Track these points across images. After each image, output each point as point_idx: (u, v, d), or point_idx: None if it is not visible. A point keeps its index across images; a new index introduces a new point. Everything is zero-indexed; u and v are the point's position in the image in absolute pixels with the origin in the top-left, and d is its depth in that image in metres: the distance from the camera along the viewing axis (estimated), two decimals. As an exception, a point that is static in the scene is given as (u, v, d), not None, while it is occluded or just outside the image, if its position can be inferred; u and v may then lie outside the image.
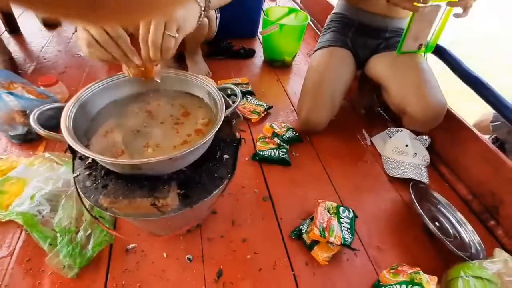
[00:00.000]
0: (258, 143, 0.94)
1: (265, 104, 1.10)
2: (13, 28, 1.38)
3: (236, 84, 1.17)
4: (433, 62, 0.98)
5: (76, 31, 0.56)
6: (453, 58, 0.94)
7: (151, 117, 0.59)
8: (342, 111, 1.06)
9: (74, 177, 0.52)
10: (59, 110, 0.50)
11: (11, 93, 0.79)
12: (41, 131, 0.45)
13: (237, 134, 0.64)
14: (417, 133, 1.01)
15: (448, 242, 0.68)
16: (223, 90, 0.63)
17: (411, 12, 0.84)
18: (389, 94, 0.94)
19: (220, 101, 0.56)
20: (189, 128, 0.57)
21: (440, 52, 0.97)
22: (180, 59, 1.23)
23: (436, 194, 0.85)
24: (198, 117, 0.60)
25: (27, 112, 0.79)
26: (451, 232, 0.77)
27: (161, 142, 0.53)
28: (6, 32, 1.37)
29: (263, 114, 1.07)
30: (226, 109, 0.55)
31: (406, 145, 0.95)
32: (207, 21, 1.03)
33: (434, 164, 0.97)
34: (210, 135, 0.49)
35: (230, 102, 0.61)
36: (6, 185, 0.68)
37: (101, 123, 0.56)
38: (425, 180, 0.89)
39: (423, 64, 0.94)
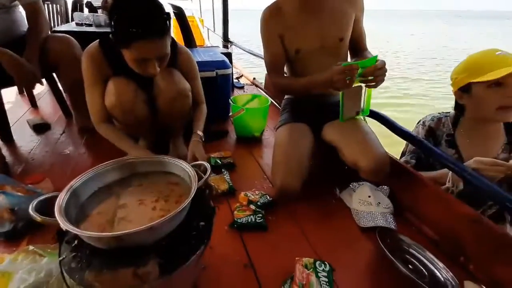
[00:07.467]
0: (235, 212, 1.01)
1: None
2: (7, 137, 1.51)
3: (220, 157, 1.34)
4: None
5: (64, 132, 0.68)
6: (384, 118, 1.16)
7: (133, 196, 0.67)
8: (310, 176, 1.17)
9: (60, 260, 0.56)
10: (51, 200, 0.58)
11: (2, 192, 0.85)
12: (38, 218, 0.52)
13: (211, 202, 0.73)
14: (377, 184, 1.13)
15: (421, 282, 0.71)
16: (196, 166, 0.75)
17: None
18: (343, 154, 1.09)
19: (193, 174, 0.67)
20: (169, 202, 0.65)
21: (374, 115, 1.20)
22: (160, 144, 1.36)
23: (404, 238, 0.91)
24: (176, 191, 0.69)
25: (16, 208, 0.84)
26: (425, 273, 0.81)
27: (141, 217, 0.60)
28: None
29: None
30: (198, 181, 0.65)
31: (369, 196, 1.05)
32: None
33: (399, 211, 1.06)
34: (185, 204, 0.58)
35: (202, 175, 0.72)
36: (-10, 281, 0.68)
37: (89, 207, 0.63)
38: (392, 226, 0.96)
39: (365, 126, 1.14)
